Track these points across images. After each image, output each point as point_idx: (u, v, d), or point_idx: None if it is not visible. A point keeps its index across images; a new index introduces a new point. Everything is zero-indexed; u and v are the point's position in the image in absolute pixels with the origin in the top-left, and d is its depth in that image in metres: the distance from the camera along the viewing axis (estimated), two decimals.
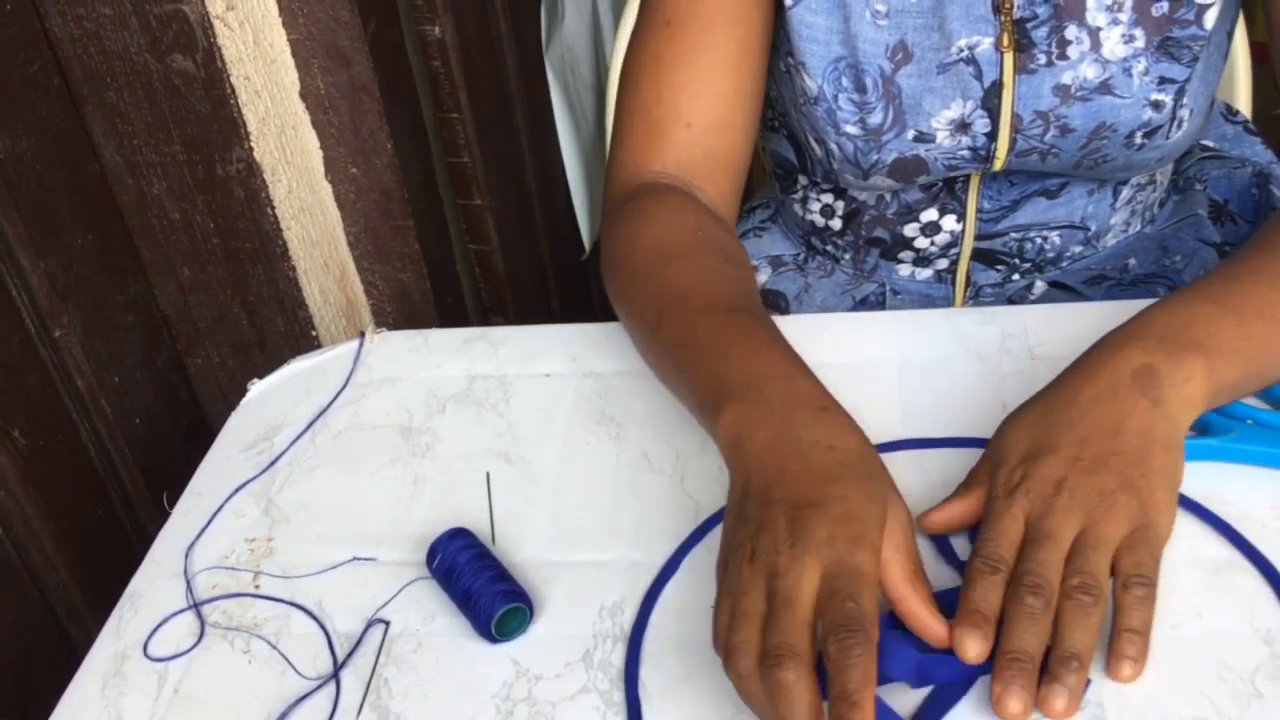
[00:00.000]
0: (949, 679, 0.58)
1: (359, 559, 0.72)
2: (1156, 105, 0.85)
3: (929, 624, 0.59)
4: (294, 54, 1.04)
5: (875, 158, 0.88)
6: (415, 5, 1.15)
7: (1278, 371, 0.71)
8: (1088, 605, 0.58)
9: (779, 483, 0.61)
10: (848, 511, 0.59)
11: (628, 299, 0.81)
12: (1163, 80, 0.85)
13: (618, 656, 0.64)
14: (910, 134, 0.87)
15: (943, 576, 0.64)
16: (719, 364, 0.70)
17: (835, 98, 0.87)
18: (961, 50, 0.84)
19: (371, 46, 1.04)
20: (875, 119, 0.87)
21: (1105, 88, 0.84)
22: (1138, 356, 0.65)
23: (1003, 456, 0.64)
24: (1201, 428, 0.72)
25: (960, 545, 0.67)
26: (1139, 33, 0.83)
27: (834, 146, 0.89)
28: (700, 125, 0.85)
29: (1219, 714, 0.57)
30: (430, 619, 0.68)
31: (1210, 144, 1.06)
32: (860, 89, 0.86)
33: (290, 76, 1.05)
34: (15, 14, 0.97)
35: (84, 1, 1.01)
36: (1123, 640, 0.58)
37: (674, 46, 0.85)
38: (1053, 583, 0.58)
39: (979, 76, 0.85)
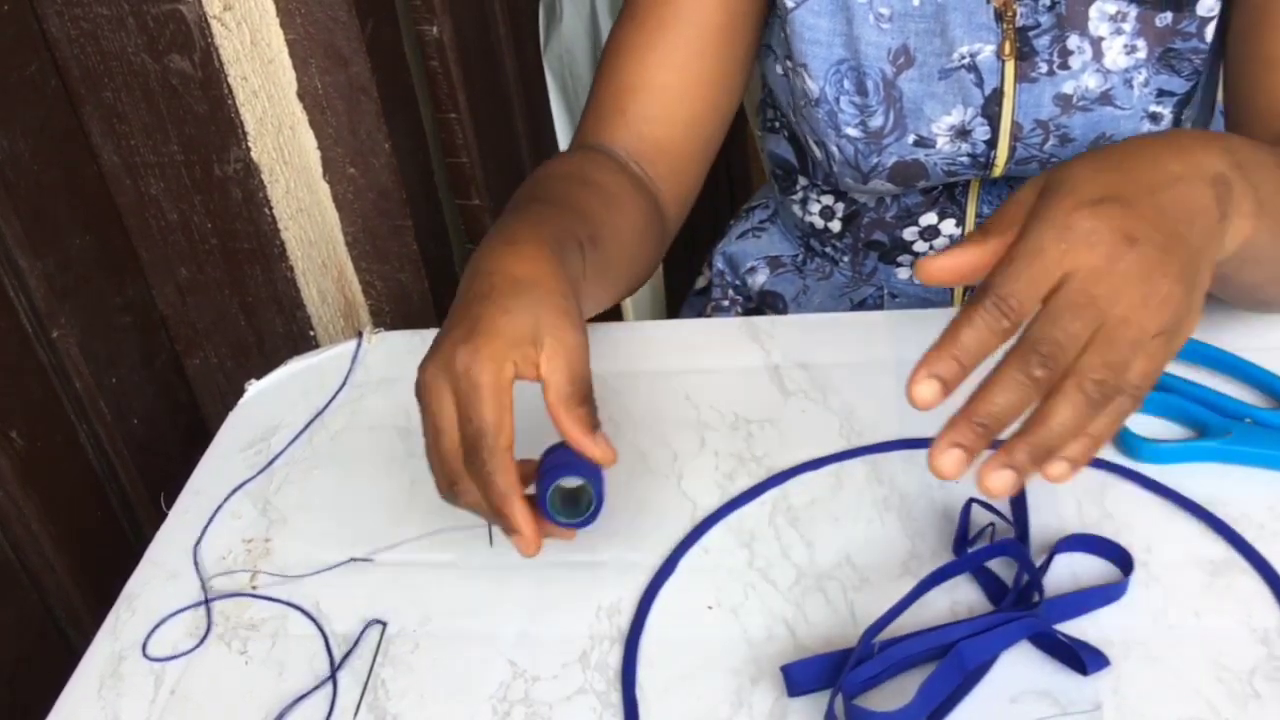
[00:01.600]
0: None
1: (356, 560, 0.72)
2: (1154, 117, 0.85)
3: (582, 442, 0.60)
4: (291, 54, 1.04)
5: (875, 161, 0.88)
6: (413, 5, 1.15)
7: (1267, 278, 0.67)
8: (1095, 404, 0.51)
9: (450, 313, 0.64)
10: (473, 328, 0.61)
11: (516, 193, 0.81)
12: (1161, 93, 0.85)
13: (615, 657, 0.64)
14: (910, 138, 0.87)
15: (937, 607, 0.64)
16: (512, 223, 0.71)
17: (837, 100, 0.87)
18: (963, 57, 0.84)
19: (369, 47, 1.04)
20: (876, 122, 0.87)
21: (1106, 98, 0.84)
22: (1221, 164, 0.57)
23: (1064, 190, 0.54)
24: (1199, 428, 0.72)
25: (963, 592, 0.67)
26: (1141, 43, 0.83)
27: (834, 149, 0.89)
28: (634, 114, 0.87)
29: (1216, 714, 0.57)
30: (427, 620, 0.68)
31: None
32: (862, 92, 0.86)
33: (288, 77, 1.05)
34: (12, 14, 0.97)
35: (81, 2, 1.01)
36: (1084, 442, 0.52)
37: (631, 39, 0.88)
38: (1068, 363, 0.51)
39: (980, 84, 0.85)
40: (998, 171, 0.89)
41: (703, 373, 0.82)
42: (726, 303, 1.09)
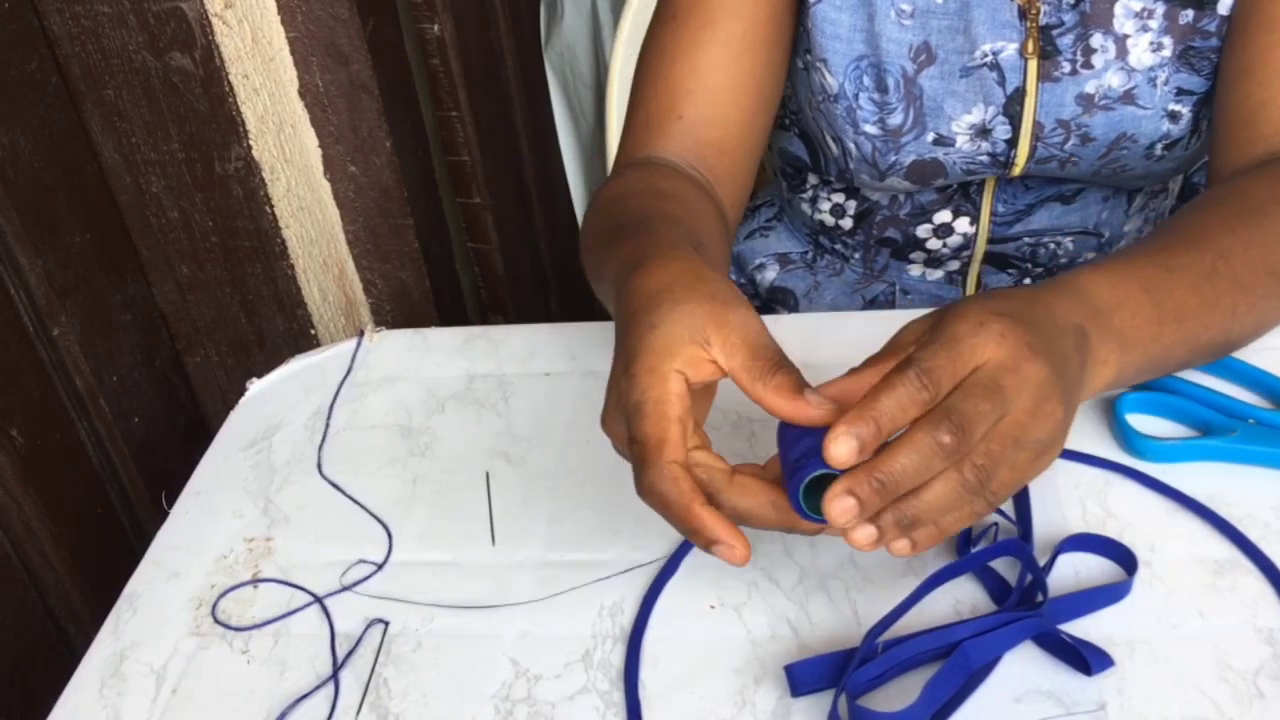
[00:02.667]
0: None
1: (358, 559, 0.72)
2: (1174, 116, 0.85)
3: (790, 410, 0.57)
4: (293, 52, 1.04)
5: (893, 159, 0.88)
6: (414, 4, 1.15)
7: (1155, 375, 0.69)
8: (965, 492, 0.53)
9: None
10: (627, 357, 0.59)
11: (583, 242, 0.80)
12: (1180, 92, 0.84)
13: (617, 656, 0.64)
14: (930, 136, 0.87)
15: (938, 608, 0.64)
16: (603, 264, 0.69)
17: (856, 96, 0.87)
18: (985, 55, 0.84)
19: (370, 45, 1.04)
20: (895, 120, 0.86)
21: (1129, 97, 0.84)
22: (1078, 315, 0.61)
23: (967, 304, 0.57)
24: (1203, 427, 0.72)
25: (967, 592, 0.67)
26: (1167, 40, 0.83)
27: (851, 145, 0.89)
28: (691, 118, 0.85)
29: (1220, 714, 0.57)
30: (429, 619, 0.68)
31: None
32: (881, 89, 0.86)
33: (289, 74, 1.05)
34: (13, 12, 0.97)
35: None
36: (931, 530, 0.54)
37: (676, 41, 0.85)
38: (973, 440, 0.53)
39: (1002, 82, 0.85)
40: (1017, 171, 0.88)
41: None
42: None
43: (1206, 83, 0.84)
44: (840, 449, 0.52)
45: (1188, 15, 0.82)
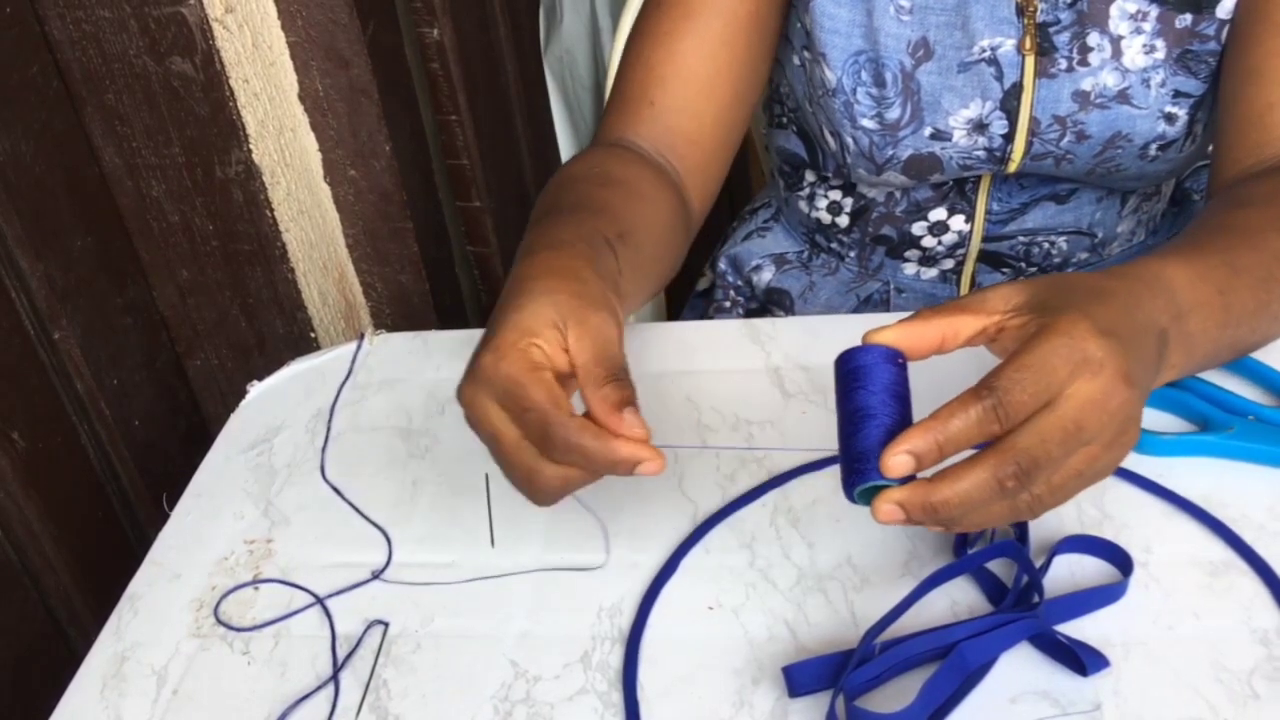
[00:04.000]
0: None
1: (358, 561, 0.73)
2: (1170, 118, 0.85)
3: (608, 423, 0.57)
4: (293, 56, 1.04)
5: (890, 153, 0.89)
6: (414, 8, 1.15)
7: (1191, 372, 0.70)
8: (1019, 514, 0.54)
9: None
10: (492, 335, 0.61)
11: (537, 203, 0.80)
12: (1177, 94, 0.85)
13: (616, 657, 0.64)
14: (927, 131, 0.87)
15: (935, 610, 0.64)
16: (529, 241, 0.70)
17: (853, 91, 0.87)
18: (983, 50, 0.85)
19: (370, 49, 1.04)
20: (893, 114, 0.87)
21: (1123, 97, 0.85)
22: (1164, 317, 0.60)
23: (1074, 310, 0.54)
24: (1201, 423, 0.72)
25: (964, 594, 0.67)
26: (1160, 44, 0.83)
27: (849, 140, 0.89)
28: (662, 105, 0.86)
29: (1215, 715, 0.57)
30: (429, 620, 0.68)
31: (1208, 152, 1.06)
32: (879, 83, 0.86)
33: (289, 79, 1.05)
34: (14, 16, 0.97)
35: (83, 4, 1.01)
36: (966, 525, 0.54)
37: (656, 28, 0.87)
38: (1037, 481, 0.53)
39: (1000, 77, 0.85)
40: (1012, 167, 0.89)
41: (703, 374, 0.83)
42: (729, 304, 1.09)
43: (1204, 86, 0.85)
44: (897, 463, 0.52)
45: (1185, 20, 0.83)
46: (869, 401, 0.55)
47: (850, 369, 0.57)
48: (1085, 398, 0.52)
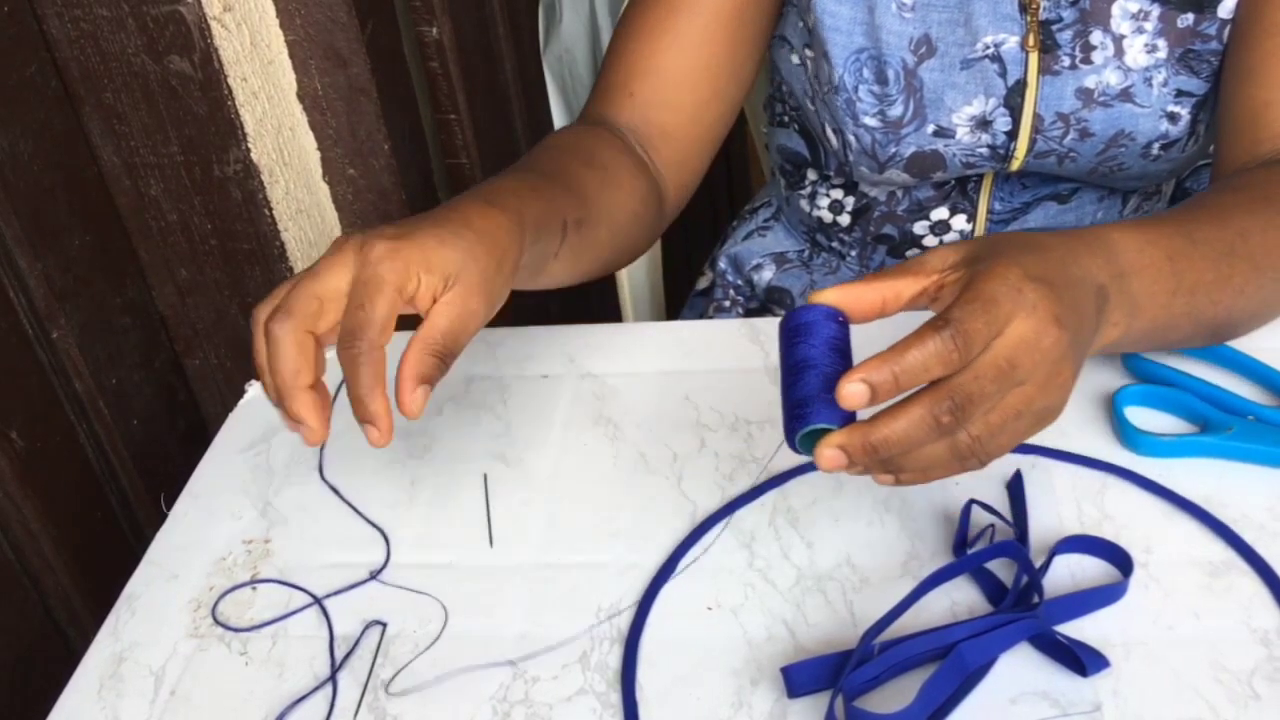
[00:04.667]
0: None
1: (356, 561, 0.72)
2: (1172, 117, 0.85)
3: (403, 384, 0.64)
4: (291, 55, 1.04)
5: (893, 150, 0.89)
6: (413, 7, 1.15)
7: (1153, 348, 0.71)
8: (955, 456, 0.55)
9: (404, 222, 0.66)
10: (405, 234, 0.63)
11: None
12: (1180, 93, 0.85)
13: (615, 658, 0.64)
14: (930, 128, 0.87)
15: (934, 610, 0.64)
16: (502, 188, 0.73)
17: (855, 89, 0.87)
18: (987, 47, 0.85)
19: (369, 48, 1.04)
20: (895, 111, 0.87)
21: (1126, 95, 0.85)
22: (1104, 275, 0.62)
23: (1007, 258, 0.57)
24: (1201, 423, 0.72)
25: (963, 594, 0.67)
26: (1162, 43, 0.83)
27: (852, 138, 0.90)
28: (641, 98, 0.88)
29: (1216, 715, 0.57)
30: (427, 621, 0.68)
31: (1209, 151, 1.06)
32: (881, 81, 0.87)
33: (288, 78, 1.05)
34: (12, 15, 0.97)
35: (81, 3, 1.01)
36: (918, 475, 0.56)
37: (642, 19, 0.88)
38: (973, 418, 0.54)
39: (1003, 74, 0.85)
40: (1015, 165, 0.89)
41: (703, 373, 0.83)
42: (728, 303, 1.09)
43: (1206, 85, 0.85)
44: (852, 391, 0.53)
45: (1187, 19, 0.83)
46: (810, 354, 0.57)
47: (793, 326, 0.59)
48: (1018, 337, 0.54)
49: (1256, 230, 0.70)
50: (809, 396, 0.56)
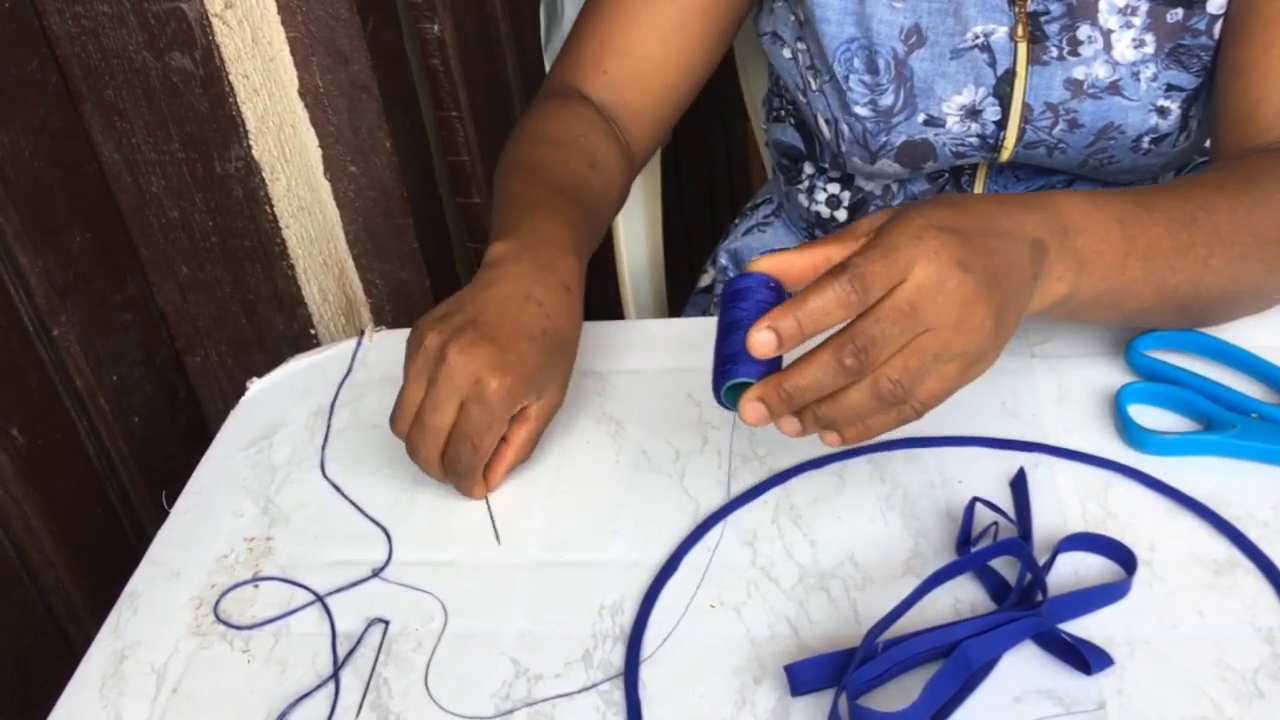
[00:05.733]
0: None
1: (358, 558, 0.72)
2: (1162, 112, 0.85)
3: (491, 478, 0.73)
4: (293, 52, 1.04)
5: (884, 139, 0.89)
6: (414, 4, 1.15)
7: (1119, 315, 0.71)
8: (883, 402, 0.58)
9: (492, 312, 0.71)
10: (514, 361, 0.69)
11: (501, 162, 0.87)
12: (1170, 88, 0.85)
13: (617, 656, 0.64)
14: (920, 117, 0.88)
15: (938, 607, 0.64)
16: (526, 215, 0.77)
17: (846, 79, 0.88)
18: (977, 37, 0.85)
19: (370, 45, 1.04)
20: (886, 101, 0.88)
21: (1115, 88, 0.85)
22: (1042, 229, 0.63)
23: (915, 213, 0.59)
24: (1204, 422, 0.72)
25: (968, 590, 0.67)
26: (1150, 38, 0.83)
27: (844, 128, 0.90)
28: (615, 76, 0.91)
29: (1220, 713, 0.57)
30: (430, 618, 0.68)
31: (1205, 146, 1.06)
32: (872, 70, 0.87)
33: (289, 75, 1.05)
34: (13, 12, 0.97)
35: None
36: (859, 428, 0.59)
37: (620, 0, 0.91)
38: (877, 361, 0.57)
39: (993, 64, 0.86)
40: (1005, 155, 0.89)
41: (705, 371, 0.82)
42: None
43: (1197, 80, 0.85)
44: (758, 340, 0.57)
45: (1176, 14, 0.83)
46: (740, 315, 0.60)
47: (728, 292, 0.62)
48: (919, 281, 0.57)
49: (1223, 205, 0.71)
50: (734, 354, 0.60)
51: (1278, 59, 0.79)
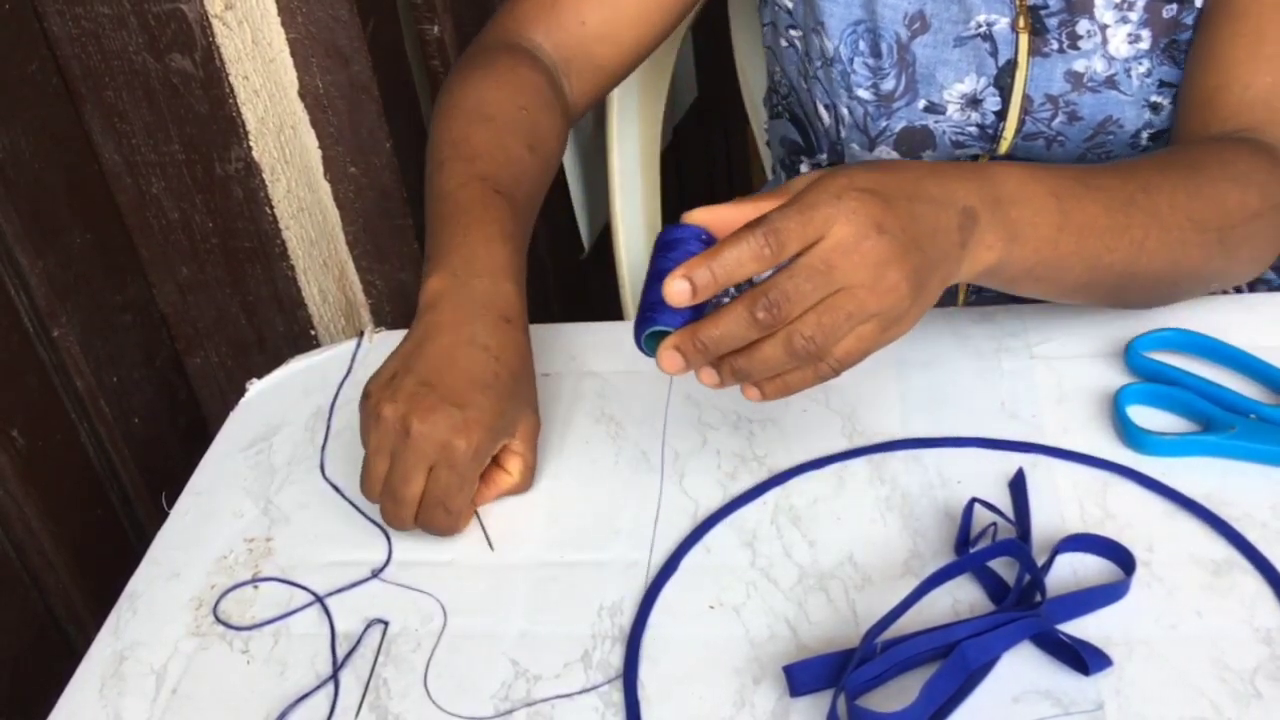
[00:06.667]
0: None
1: (358, 559, 0.72)
2: (1155, 107, 0.86)
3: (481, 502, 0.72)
4: (293, 53, 1.04)
5: (884, 124, 0.89)
6: (414, 4, 1.15)
7: (1055, 290, 0.72)
8: (797, 358, 0.59)
9: (440, 368, 0.70)
10: (482, 421, 0.69)
11: (434, 132, 0.85)
12: (1163, 84, 0.85)
13: (616, 656, 0.64)
14: (921, 103, 0.88)
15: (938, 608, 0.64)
16: (459, 232, 0.76)
17: (851, 61, 0.88)
18: (979, 26, 0.85)
19: (370, 46, 1.04)
20: (888, 85, 0.88)
21: (1111, 83, 0.85)
22: (974, 198, 0.64)
23: (839, 174, 0.60)
24: (1203, 422, 0.72)
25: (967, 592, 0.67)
26: (1146, 34, 0.84)
27: (845, 111, 0.90)
28: (592, 28, 0.90)
29: (1218, 714, 0.57)
30: (429, 619, 0.68)
31: None
32: (876, 54, 0.87)
33: (289, 76, 1.05)
34: (14, 13, 0.97)
35: (82, 1, 1.01)
36: (777, 383, 0.61)
37: None
38: (788, 316, 0.58)
39: (994, 53, 0.86)
40: (1004, 146, 0.89)
41: None
42: (728, 299, 1.09)
43: None
44: (674, 288, 0.58)
45: (1172, 9, 0.83)
46: (667, 265, 0.61)
47: (661, 241, 0.63)
48: (835, 240, 0.58)
49: (1165, 188, 0.71)
50: (655, 301, 0.60)
51: (1243, 48, 0.79)
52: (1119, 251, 0.70)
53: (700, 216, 0.63)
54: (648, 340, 0.62)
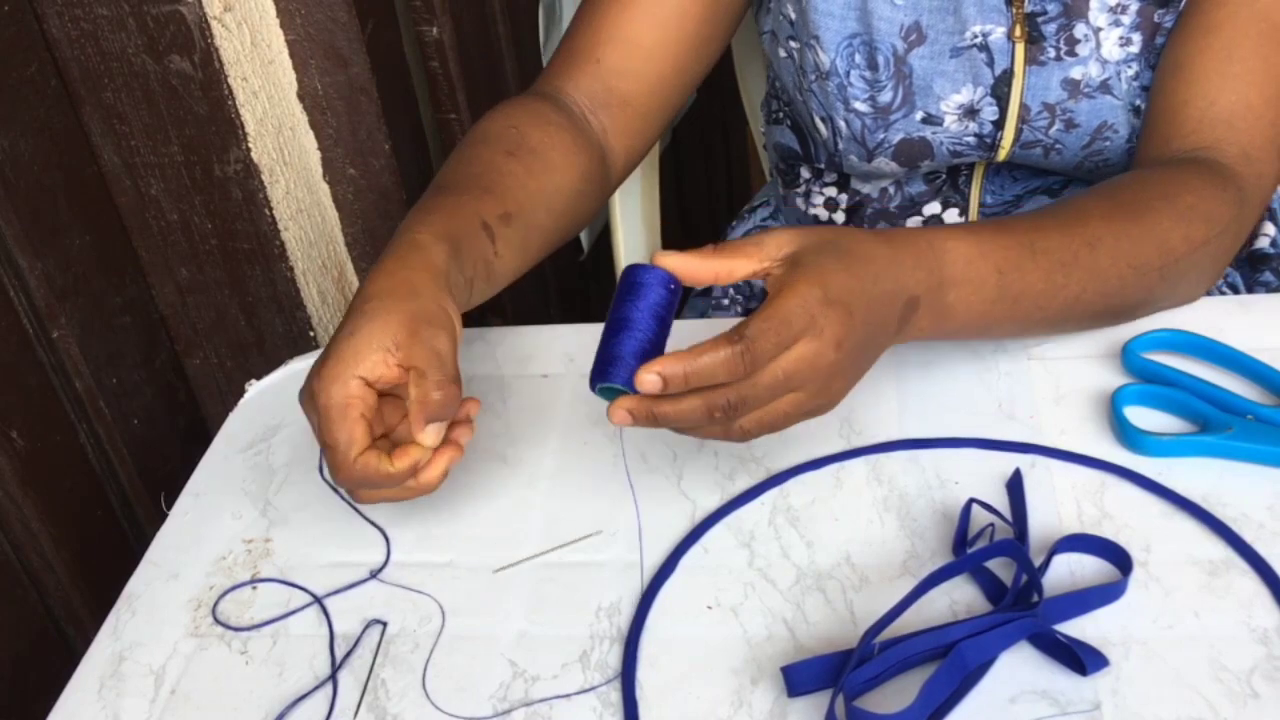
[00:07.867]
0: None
1: (356, 560, 0.73)
2: (1137, 111, 0.86)
3: (413, 427, 0.66)
4: (292, 55, 1.04)
5: (881, 137, 0.89)
6: (413, 6, 1.15)
7: (978, 339, 0.77)
8: (724, 432, 0.63)
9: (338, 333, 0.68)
10: (324, 354, 0.66)
11: (451, 156, 0.85)
12: (1146, 88, 0.85)
13: (615, 657, 0.64)
14: (918, 115, 0.88)
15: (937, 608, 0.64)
16: (404, 231, 0.73)
17: (847, 74, 0.88)
18: (975, 36, 0.85)
19: (369, 47, 1.04)
20: (885, 97, 0.88)
21: (1105, 87, 0.85)
22: (921, 287, 0.67)
23: (815, 277, 0.62)
24: (1200, 423, 0.72)
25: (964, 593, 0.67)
26: (1137, 37, 0.84)
27: (842, 124, 0.90)
28: (608, 65, 0.89)
29: (1215, 714, 0.57)
30: (427, 620, 0.68)
31: None
32: (872, 66, 0.87)
33: (288, 77, 1.05)
34: (13, 15, 0.97)
35: (82, 2, 1.01)
36: (731, 431, 0.63)
37: None
38: (741, 415, 0.62)
39: (991, 64, 0.86)
40: (1002, 154, 0.89)
41: None
42: (727, 302, 1.09)
43: None
44: (645, 380, 0.60)
45: (1163, 15, 0.83)
46: (633, 315, 0.63)
47: (629, 282, 0.64)
48: (798, 355, 0.61)
49: (1108, 240, 0.74)
50: (617, 355, 0.62)
51: (1211, 63, 0.80)
52: (1050, 309, 0.73)
53: (669, 262, 0.64)
54: (601, 389, 0.64)
